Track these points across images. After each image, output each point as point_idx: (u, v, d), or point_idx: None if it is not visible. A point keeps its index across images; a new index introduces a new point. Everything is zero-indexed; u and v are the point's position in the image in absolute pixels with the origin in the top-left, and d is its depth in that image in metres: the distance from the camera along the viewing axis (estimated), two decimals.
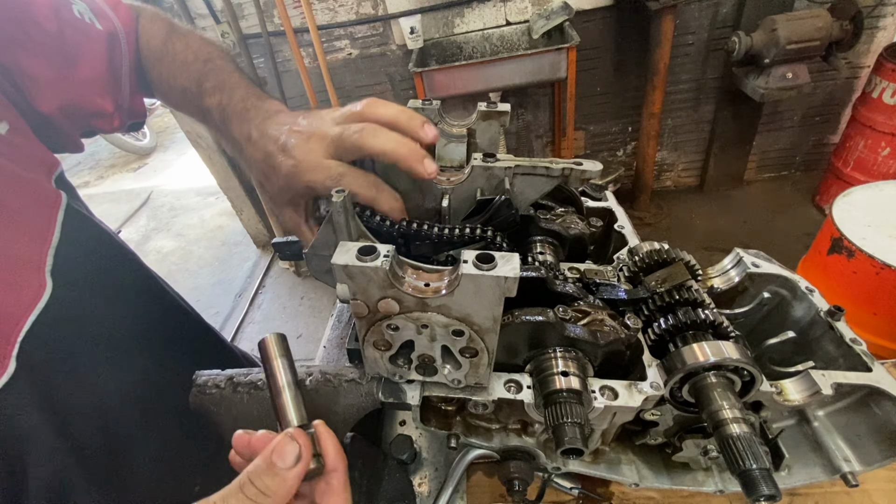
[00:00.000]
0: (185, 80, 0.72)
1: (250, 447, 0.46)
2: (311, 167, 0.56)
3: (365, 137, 0.55)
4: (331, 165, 0.56)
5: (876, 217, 1.85)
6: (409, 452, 0.81)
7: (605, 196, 0.86)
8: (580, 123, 3.37)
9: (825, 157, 3.40)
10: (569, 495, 0.79)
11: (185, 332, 0.88)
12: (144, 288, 0.82)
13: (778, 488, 0.46)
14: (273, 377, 0.49)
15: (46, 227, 0.59)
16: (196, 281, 3.84)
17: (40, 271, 0.56)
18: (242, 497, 0.39)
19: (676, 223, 3.45)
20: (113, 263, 0.73)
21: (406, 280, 0.46)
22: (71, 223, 0.63)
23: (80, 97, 0.70)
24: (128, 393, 0.65)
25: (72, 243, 0.61)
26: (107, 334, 0.65)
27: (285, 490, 0.40)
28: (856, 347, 0.59)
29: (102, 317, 0.66)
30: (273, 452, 0.41)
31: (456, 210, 0.65)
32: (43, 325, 0.54)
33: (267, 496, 0.39)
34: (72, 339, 0.59)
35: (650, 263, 0.65)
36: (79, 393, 0.59)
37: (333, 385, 0.64)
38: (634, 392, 0.55)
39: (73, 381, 0.58)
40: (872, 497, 0.75)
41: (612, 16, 2.88)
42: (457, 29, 2.91)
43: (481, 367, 0.52)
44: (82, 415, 0.58)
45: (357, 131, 0.56)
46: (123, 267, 0.77)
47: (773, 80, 2.64)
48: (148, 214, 4.87)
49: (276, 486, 0.40)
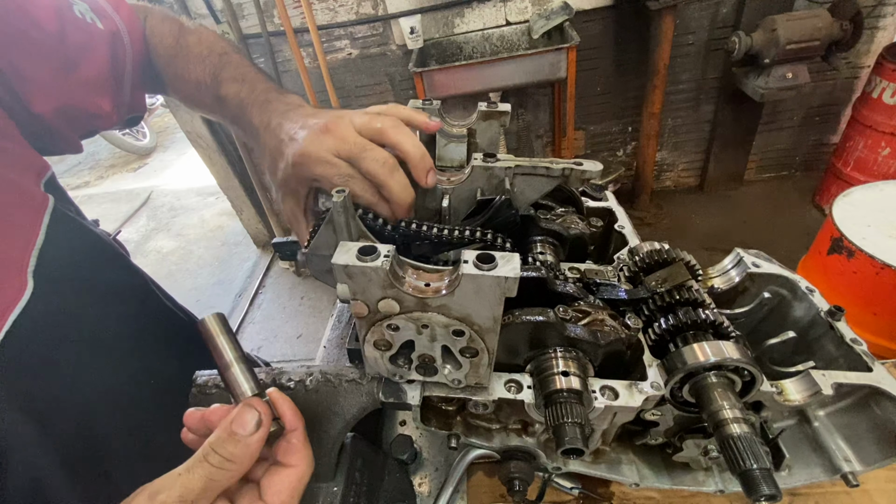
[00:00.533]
0: (201, 73, 0.75)
1: (204, 421, 0.47)
2: (321, 161, 0.57)
3: (389, 126, 0.58)
4: (341, 165, 0.57)
5: (876, 217, 1.85)
6: (409, 452, 0.81)
7: (606, 196, 0.86)
8: (580, 123, 3.37)
9: (825, 157, 3.40)
10: (569, 495, 0.79)
11: (173, 334, 0.87)
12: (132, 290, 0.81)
13: (778, 488, 0.46)
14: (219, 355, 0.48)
15: (31, 230, 0.59)
16: (196, 281, 3.84)
17: (22, 272, 0.56)
18: (207, 465, 0.40)
19: (676, 223, 3.45)
20: (100, 265, 0.73)
21: (406, 280, 0.46)
22: (57, 226, 0.63)
23: (79, 97, 0.70)
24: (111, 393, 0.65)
25: (57, 245, 0.61)
26: (90, 335, 0.65)
27: (249, 455, 0.42)
28: (856, 347, 0.59)
29: (86, 317, 0.66)
30: (233, 422, 0.42)
31: (456, 210, 0.65)
32: (23, 325, 0.54)
33: (232, 462, 0.40)
34: (53, 339, 0.59)
35: (650, 263, 0.65)
36: (60, 393, 0.59)
37: (333, 385, 0.64)
38: (635, 392, 0.55)
39: (54, 381, 0.58)
40: (873, 497, 0.75)
41: (612, 16, 2.88)
42: (457, 29, 2.91)
43: (481, 367, 0.52)
44: (63, 414, 0.58)
45: (383, 121, 0.58)
46: (111, 269, 0.77)
47: (773, 80, 2.64)
48: (148, 214, 4.87)
49: (239, 452, 0.41)
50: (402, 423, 0.94)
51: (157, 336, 0.82)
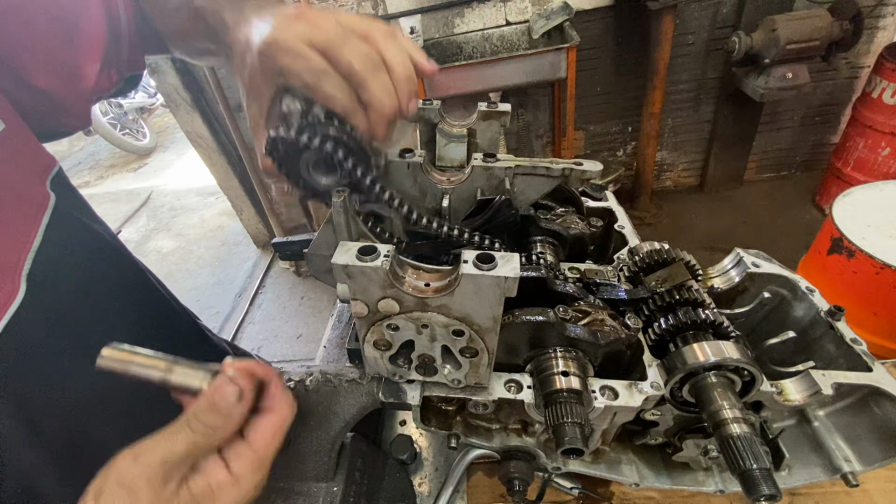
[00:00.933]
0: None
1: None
2: (289, 50, 0.48)
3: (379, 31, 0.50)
4: (314, 58, 0.48)
5: (876, 217, 1.85)
6: (409, 452, 0.82)
7: (606, 196, 0.86)
8: (580, 123, 3.37)
9: (825, 157, 3.40)
10: (569, 495, 0.79)
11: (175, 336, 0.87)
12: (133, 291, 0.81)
13: (778, 488, 0.46)
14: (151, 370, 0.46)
15: (27, 232, 0.58)
16: (196, 281, 3.84)
17: (15, 275, 0.55)
18: (189, 432, 0.41)
19: (676, 223, 3.45)
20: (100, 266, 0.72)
21: (406, 280, 0.46)
22: (57, 226, 0.62)
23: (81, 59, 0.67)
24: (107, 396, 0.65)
25: (55, 247, 0.61)
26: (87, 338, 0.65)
27: (232, 424, 0.43)
28: (856, 347, 0.59)
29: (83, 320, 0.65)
30: (215, 393, 0.43)
31: (456, 210, 0.65)
32: (15, 330, 0.53)
33: (214, 430, 0.42)
34: (47, 343, 0.59)
35: (650, 263, 0.65)
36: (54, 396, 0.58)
37: (333, 385, 0.64)
38: (635, 392, 0.55)
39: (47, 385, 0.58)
40: (872, 497, 0.75)
41: (612, 16, 2.88)
42: (457, 29, 2.91)
43: (481, 367, 0.52)
44: (56, 417, 0.58)
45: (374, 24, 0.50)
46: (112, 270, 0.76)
47: (773, 80, 2.64)
48: (148, 214, 4.87)
49: (221, 422, 0.42)
50: (402, 423, 0.94)
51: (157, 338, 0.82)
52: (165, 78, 3.01)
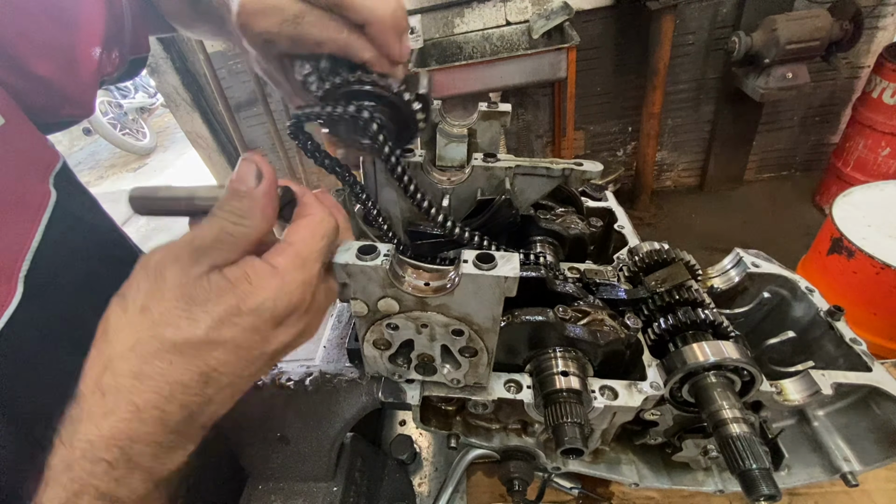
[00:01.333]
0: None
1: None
2: (258, 9, 0.44)
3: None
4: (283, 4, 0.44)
5: (876, 217, 1.85)
6: (409, 452, 0.82)
7: (605, 196, 0.86)
8: (580, 123, 3.37)
9: (825, 157, 3.40)
10: (569, 495, 0.79)
11: None
12: None
13: (778, 488, 0.46)
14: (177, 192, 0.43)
15: (25, 232, 0.57)
16: None
17: (11, 278, 0.54)
18: (218, 218, 0.38)
19: (676, 223, 3.45)
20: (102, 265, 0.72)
21: (406, 279, 0.46)
22: (57, 226, 0.61)
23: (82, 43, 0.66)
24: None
25: (55, 246, 0.60)
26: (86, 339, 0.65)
27: (259, 211, 0.39)
28: (856, 347, 0.59)
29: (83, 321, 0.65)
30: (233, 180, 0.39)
31: (456, 210, 0.66)
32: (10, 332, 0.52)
33: (243, 217, 0.38)
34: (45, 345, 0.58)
35: (650, 263, 0.65)
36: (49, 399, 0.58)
37: (333, 385, 0.64)
38: (634, 392, 0.55)
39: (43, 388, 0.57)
40: (872, 497, 0.75)
41: (612, 16, 2.88)
42: (457, 29, 2.91)
43: (481, 366, 0.52)
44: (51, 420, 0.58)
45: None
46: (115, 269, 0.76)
47: (773, 80, 2.64)
48: None
49: (247, 206, 0.38)
50: (402, 423, 0.94)
51: None
52: (165, 78, 3.01)
